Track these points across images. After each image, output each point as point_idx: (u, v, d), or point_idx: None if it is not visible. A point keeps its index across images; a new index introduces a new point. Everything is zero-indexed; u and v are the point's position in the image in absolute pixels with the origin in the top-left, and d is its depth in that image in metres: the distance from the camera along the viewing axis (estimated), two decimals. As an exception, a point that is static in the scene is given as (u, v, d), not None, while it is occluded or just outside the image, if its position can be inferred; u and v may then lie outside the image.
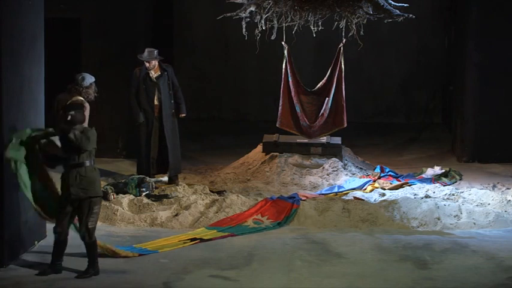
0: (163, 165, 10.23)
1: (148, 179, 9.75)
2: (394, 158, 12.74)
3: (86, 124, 7.96)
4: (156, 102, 10.06)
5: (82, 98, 8.61)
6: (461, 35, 12.95)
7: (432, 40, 16.49)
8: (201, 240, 7.90)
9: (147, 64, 10.00)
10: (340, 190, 9.96)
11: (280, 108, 11.05)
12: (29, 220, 7.32)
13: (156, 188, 9.78)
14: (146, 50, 10.06)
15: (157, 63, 10.05)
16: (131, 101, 10.11)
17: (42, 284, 6.56)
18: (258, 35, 9.56)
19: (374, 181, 10.36)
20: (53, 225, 6.83)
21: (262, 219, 8.56)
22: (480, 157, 12.15)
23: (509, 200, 9.31)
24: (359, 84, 16.03)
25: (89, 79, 8.71)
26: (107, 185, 9.53)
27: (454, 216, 8.71)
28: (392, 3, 9.68)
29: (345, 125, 10.98)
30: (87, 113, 8.54)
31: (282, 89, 10.97)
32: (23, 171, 6.85)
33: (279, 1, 9.34)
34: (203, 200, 9.06)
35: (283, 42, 10.49)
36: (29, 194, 6.85)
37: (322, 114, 10.94)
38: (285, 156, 10.91)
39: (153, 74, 10.05)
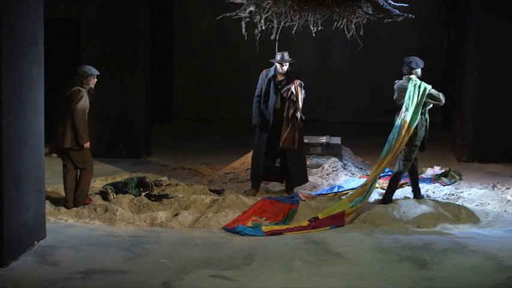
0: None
1: (148, 179, 9.76)
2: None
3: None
4: (278, 107, 9.71)
5: (80, 88, 8.75)
6: (461, 35, 12.95)
7: (432, 40, 16.50)
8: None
9: (279, 66, 9.72)
10: (340, 190, 9.95)
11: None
12: (28, 220, 7.32)
13: (158, 185, 9.80)
14: (279, 53, 9.72)
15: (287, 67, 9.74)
16: (254, 103, 9.78)
17: (42, 283, 6.56)
18: (257, 35, 9.54)
19: (374, 181, 10.35)
20: None
21: (260, 220, 8.54)
22: (480, 157, 12.15)
23: (509, 200, 9.32)
24: (359, 84, 16.03)
25: (87, 70, 8.85)
26: (107, 184, 9.54)
27: (454, 216, 8.70)
28: (392, 3, 9.65)
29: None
30: (84, 101, 8.69)
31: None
32: None
33: (279, 1, 9.32)
34: (203, 200, 9.07)
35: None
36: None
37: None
38: (285, 156, 10.89)
39: (279, 77, 9.79)
